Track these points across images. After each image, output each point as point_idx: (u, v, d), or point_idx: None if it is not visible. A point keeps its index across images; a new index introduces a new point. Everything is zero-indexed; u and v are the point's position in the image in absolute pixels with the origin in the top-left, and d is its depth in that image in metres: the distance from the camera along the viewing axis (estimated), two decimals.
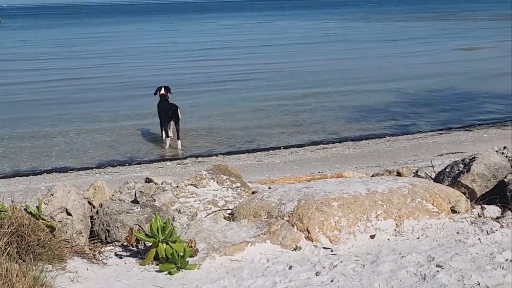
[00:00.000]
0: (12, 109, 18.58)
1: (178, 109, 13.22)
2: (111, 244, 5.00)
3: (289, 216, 5.21)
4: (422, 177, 6.16)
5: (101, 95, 20.86)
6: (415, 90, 19.75)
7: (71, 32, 62.28)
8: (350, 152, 11.98)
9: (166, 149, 13.18)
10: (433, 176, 6.15)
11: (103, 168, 11.88)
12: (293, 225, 5.11)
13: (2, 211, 4.39)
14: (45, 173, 11.58)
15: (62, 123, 16.02)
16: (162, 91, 13.82)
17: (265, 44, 39.25)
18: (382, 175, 6.73)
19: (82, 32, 62.40)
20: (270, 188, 6.25)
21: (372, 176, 6.80)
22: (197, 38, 48.03)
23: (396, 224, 5.00)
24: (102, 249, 4.89)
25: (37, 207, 4.83)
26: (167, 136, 13.23)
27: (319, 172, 9.43)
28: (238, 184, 6.39)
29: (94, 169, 11.79)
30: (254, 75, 24.54)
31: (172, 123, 13.26)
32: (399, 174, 6.50)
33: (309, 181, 6.96)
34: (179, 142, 13.23)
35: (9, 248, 3.97)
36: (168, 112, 13.21)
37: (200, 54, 34.55)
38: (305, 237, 5.02)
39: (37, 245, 4.15)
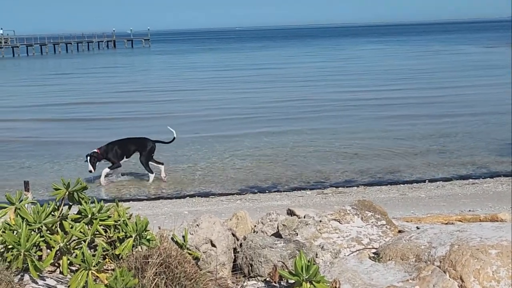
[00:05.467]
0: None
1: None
2: (253, 279, 4.93)
3: (440, 262, 4.84)
4: None
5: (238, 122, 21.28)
6: None
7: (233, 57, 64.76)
8: (504, 189, 11.07)
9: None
10: None
11: (244, 194, 11.98)
12: (444, 272, 4.74)
13: (152, 240, 4.49)
14: (188, 197, 11.92)
15: (205, 147, 16.45)
16: None
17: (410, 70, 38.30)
18: None
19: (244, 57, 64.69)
20: (418, 228, 5.90)
21: None
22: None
23: None
24: (245, 283, 4.84)
25: (183, 237, 4.91)
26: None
27: (469, 210, 8.82)
28: (384, 222, 6.09)
29: (235, 195, 11.91)
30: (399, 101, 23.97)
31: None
32: None
33: (460, 221, 6.50)
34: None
35: (157, 279, 4.02)
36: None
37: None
38: (458, 286, 4.62)
39: (183, 277, 4.16)
